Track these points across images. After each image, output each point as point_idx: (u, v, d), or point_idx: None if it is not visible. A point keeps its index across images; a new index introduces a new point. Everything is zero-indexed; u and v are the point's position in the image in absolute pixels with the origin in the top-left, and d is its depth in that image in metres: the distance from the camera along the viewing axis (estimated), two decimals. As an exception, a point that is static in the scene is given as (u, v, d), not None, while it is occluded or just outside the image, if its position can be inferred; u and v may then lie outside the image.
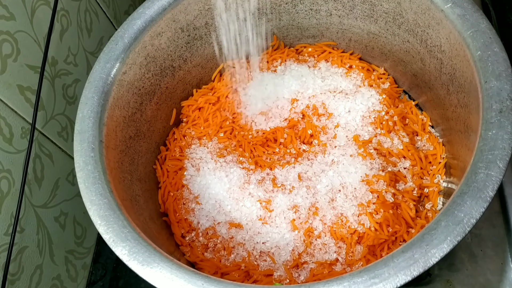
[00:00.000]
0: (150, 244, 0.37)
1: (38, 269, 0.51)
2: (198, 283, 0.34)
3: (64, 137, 0.56)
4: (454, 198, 0.34)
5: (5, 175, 0.46)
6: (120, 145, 0.48)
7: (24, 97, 0.48)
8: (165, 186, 0.55)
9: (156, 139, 0.56)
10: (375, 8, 0.53)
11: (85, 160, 0.41)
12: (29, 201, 0.50)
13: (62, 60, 0.55)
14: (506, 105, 0.37)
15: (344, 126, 0.53)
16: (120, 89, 0.48)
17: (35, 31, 0.50)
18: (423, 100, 0.58)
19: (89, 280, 0.61)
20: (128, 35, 0.49)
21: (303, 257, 0.47)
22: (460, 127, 0.46)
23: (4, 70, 0.45)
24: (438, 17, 0.46)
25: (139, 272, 0.35)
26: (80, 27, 0.59)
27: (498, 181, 0.34)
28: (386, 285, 0.31)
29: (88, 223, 0.61)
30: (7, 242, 0.46)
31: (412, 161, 0.52)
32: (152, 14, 0.50)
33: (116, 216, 0.38)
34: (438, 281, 0.50)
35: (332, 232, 0.48)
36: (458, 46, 0.44)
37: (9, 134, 0.46)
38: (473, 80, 0.41)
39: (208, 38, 0.58)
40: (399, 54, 0.56)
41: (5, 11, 0.45)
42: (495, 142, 0.35)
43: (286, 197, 0.49)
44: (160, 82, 0.55)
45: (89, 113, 0.44)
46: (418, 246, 0.33)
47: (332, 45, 0.62)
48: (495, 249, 0.50)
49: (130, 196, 0.46)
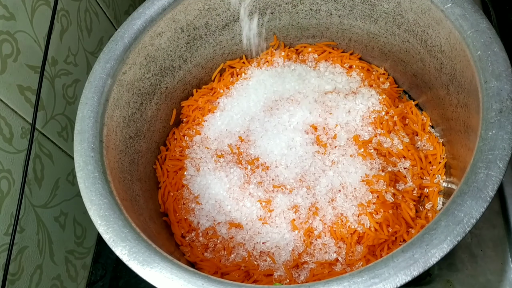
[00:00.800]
0: (150, 244, 0.37)
1: (38, 269, 0.51)
2: (198, 283, 0.34)
3: (64, 137, 0.56)
4: (454, 198, 0.34)
5: (5, 175, 0.46)
6: (120, 145, 0.48)
7: (24, 97, 0.48)
8: (165, 186, 0.55)
9: (156, 139, 0.56)
10: (375, 8, 0.53)
11: (85, 160, 0.41)
12: (29, 201, 0.50)
13: (62, 60, 0.55)
14: (506, 105, 0.37)
15: (344, 126, 0.53)
16: (120, 89, 0.48)
17: (35, 31, 0.50)
18: (423, 100, 0.58)
19: (89, 280, 0.61)
20: (128, 35, 0.49)
21: (303, 257, 0.47)
22: (460, 127, 0.46)
23: (4, 70, 0.45)
24: (438, 17, 0.46)
25: (139, 272, 0.35)
26: (80, 27, 0.59)
27: (498, 181, 0.34)
28: (386, 285, 0.31)
29: (88, 223, 0.61)
30: (7, 242, 0.46)
31: (412, 161, 0.52)
32: (152, 14, 0.50)
33: (116, 216, 0.38)
34: (438, 281, 0.50)
35: (332, 232, 0.48)
36: (458, 46, 0.44)
37: (9, 134, 0.46)
38: (473, 80, 0.41)
39: (208, 38, 0.58)
40: (399, 54, 0.56)
41: (5, 11, 0.45)
42: (495, 142, 0.35)
43: (286, 197, 0.49)
44: (160, 82, 0.55)
45: (89, 113, 0.44)
46: (418, 246, 0.33)
47: (332, 45, 0.62)
48: (495, 249, 0.50)
49: (130, 196, 0.46)
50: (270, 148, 0.53)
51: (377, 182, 0.48)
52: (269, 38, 0.62)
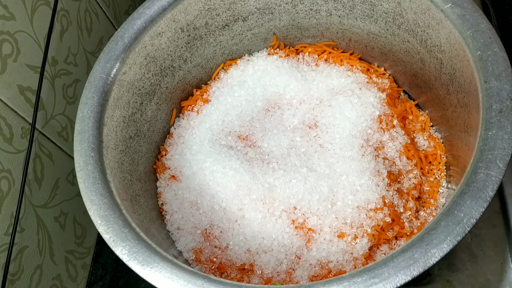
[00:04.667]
0: (150, 244, 0.37)
1: (38, 269, 0.51)
2: (198, 283, 0.34)
3: (64, 137, 0.56)
4: (454, 198, 0.34)
5: (5, 175, 0.46)
6: (120, 145, 0.48)
7: (24, 97, 0.48)
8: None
9: (156, 139, 0.56)
10: (375, 8, 0.53)
11: (85, 160, 0.41)
12: (29, 201, 0.50)
13: (62, 60, 0.55)
14: (506, 105, 0.37)
15: (344, 126, 0.53)
16: (120, 89, 0.48)
17: (35, 31, 0.50)
18: (423, 100, 0.58)
19: (89, 280, 0.61)
20: (128, 35, 0.49)
21: (303, 257, 0.47)
22: (460, 127, 0.46)
23: (4, 70, 0.45)
24: (438, 17, 0.46)
25: (139, 272, 0.35)
26: (80, 27, 0.59)
27: (498, 181, 0.34)
28: (386, 285, 0.31)
29: (88, 223, 0.61)
30: (7, 242, 0.46)
31: (412, 161, 0.52)
32: (152, 14, 0.50)
33: (116, 216, 0.38)
34: (438, 281, 0.50)
35: (332, 232, 0.48)
36: (458, 46, 0.44)
37: (9, 134, 0.46)
38: (473, 80, 0.41)
39: (208, 38, 0.58)
40: (399, 54, 0.56)
41: (5, 11, 0.45)
42: (495, 142, 0.35)
43: (287, 197, 0.49)
44: (160, 82, 0.55)
45: (89, 113, 0.44)
46: (418, 246, 0.33)
47: (332, 45, 0.62)
48: (495, 249, 0.51)
49: (130, 196, 0.46)
50: (270, 148, 0.53)
51: (378, 182, 0.48)
52: (269, 38, 0.62)
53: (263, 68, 0.59)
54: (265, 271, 0.47)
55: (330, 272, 0.46)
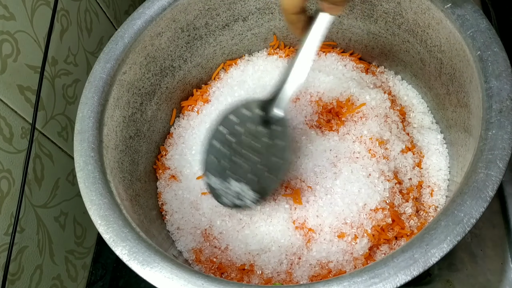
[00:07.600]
0: (150, 244, 0.37)
1: (38, 269, 0.51)
2: (198, 283, 0.34)
3: (64, 137, 0.56)
4: (454, 198, 0.34)
5: (5, 175, 0.46)
6: (120, 145, 0.48)
7: (24, 97, 0.48)
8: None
9: (156, 139, 0.56)
10: (375, 8, 0.53)
11: (85, 160, 0.41)
12: (29, 201, 0.50)
13: (62, 60, 0.55)
14: (506, 105, 0.37)
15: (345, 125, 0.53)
16: (120, 89, 0.48)
17: (35, 31, 0.50)
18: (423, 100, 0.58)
19: (89, 280, 0.61)
20: (128, 35, 0.49)
21: (303, 257, 0.47)
22: (460, 127, 0.46)
23: (4, 70, 0.45)
24: (438, 17, 0.46)
25: (139, 272, 0.35)
26: (80, 27, 0.59)
27: (498, 181, 0.34)
28: (386, 285, 0.31)
29: (88, 223, 0.61)
30: (7, 242, 0.46)
31: (412, 161, 0.52)
32: (152, 14, 0.50)
33: (116, 216, 0.38)
34: (438, 281, 0.50)
35: (332, 232, 0.47)
36: (458, 46, 0.44)
37: (9, 134, 0.46)
38: (473, 80, 0.41)
39: (208, 38, 0.58)
40: (399, 54, 0.56)
41: (5, 11, 0.45)
42: (495, 142, 0.35)
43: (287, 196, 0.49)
44: (160, 82, 0.55)
45: (89, 113, 0.44)
46: (418, 246, 0.33)
47: (332, 45, 0.62)
48: (495, 249, 0.51)
49: (130, 196, 0.46)
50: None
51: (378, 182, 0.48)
52: (269, 38, 0.62)
53: (263, 68, 0.59)
54: (265, 271, 0.47)
55: (330, 272, 0.46)
